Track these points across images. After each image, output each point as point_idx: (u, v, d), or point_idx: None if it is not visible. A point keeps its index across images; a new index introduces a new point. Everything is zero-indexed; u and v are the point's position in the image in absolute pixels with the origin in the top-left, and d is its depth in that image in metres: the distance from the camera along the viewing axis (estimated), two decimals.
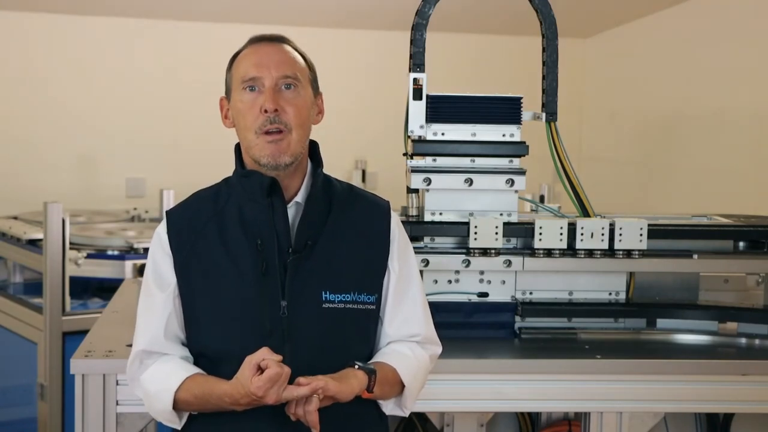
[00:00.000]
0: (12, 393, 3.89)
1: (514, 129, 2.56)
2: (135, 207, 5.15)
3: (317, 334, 1.79)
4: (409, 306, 1.91)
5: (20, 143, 5.32)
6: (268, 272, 1.78)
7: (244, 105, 1.81)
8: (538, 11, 2.60)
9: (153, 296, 1.85)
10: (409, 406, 1.90)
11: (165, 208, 4.66)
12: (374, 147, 5.43)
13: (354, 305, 1.83)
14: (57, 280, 3.50)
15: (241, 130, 1.83)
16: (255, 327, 1.76)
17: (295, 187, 1.85)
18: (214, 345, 1.81)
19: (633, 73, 5.56)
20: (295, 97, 1.81)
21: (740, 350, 2.51)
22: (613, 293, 2.62)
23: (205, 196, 1.90)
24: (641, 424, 2.30)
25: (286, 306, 1.78)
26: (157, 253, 1.87)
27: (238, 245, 1.81)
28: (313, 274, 1.81)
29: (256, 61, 1.82)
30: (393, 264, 1.89)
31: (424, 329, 1.93)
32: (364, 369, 1.78)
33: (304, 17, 5.33)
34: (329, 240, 1.83)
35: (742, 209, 3.23)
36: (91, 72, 5.43)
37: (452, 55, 5.51)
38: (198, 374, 1.80)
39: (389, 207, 1.95)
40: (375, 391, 1.79)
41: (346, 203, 1.89)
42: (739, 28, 4.55)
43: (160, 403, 1.80)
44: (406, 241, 1.96)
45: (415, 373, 1.88)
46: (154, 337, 1.84)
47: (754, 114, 4.35)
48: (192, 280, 1.82)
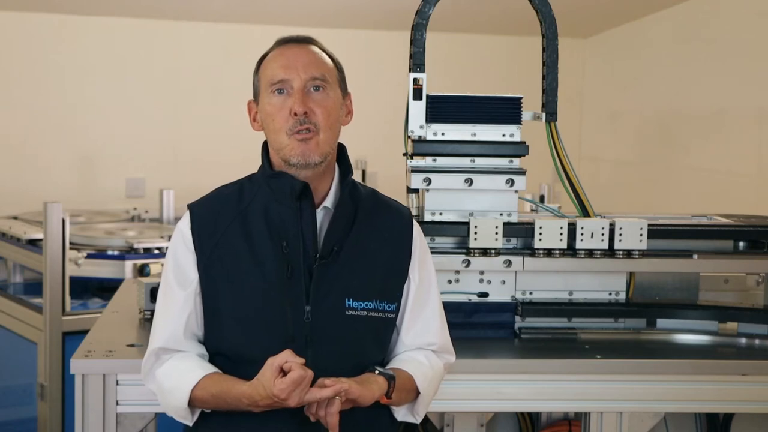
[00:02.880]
0: (12, 393, 3.89)
1: (514, 129, 2.56)
2: (135, 207, 5.14)
3: (339, 341, 1.79)
4: (427, 316, 1.92)
5: (20, 143, 5.32)
6: (293, 276, 1.77)
7: (273, 108, 1.80)
8: (538, 11, 2.60)
9: (174, 293, 1.83)
10: (421, 413, 1.91)
11: (165, 208, 4.74)
12: (374, 147, 5.42)
13: (375, 313, 1.83)
14: (57, 280, 3.50)
15: (271, 132, 1.82)
16: (278, 330, 1.76)
17: (323, 190, 1.84)
18: (235, 346, 1.80)
19: (633, 73, 5.56)
20: (323, 98, 1.81)
21: (740, 350, 2.51)
22: (613, 293, 2.61)
23: (229, 193, 1.88)
24: (641, 424, 2.30)
25: (310, 311, 1.78)
26: (179, 250, 1.84)
27: (262, 246, 1.80)
28: (338, 281, 1.80)
29: (283, 64, 1.81)
30: (414, 273, 1.89)
31: (440, 339, 1.94)
32: (384, 375, 1.78)
33: (304, 17, 5.33)
34: (354, 247, 1.83)
35: (742, 209, 3.23)
36: (91, 72, 5.43)
37: (452, 55, 5.51)
38: (215, 373, 1.79)
39: (411, 215, 1.96)
40: (393, 398, 1.79)
41: (371, 210, 1.89)
42: (739, 28, 4.55)
43: (174, 399, 1.80)
44: (426, 249, 1.96)
45: (430, 381, 1.88)
46: (173, 335, 1.82)
47: (754, 114, 4.36)
48: (215, 279, 1.81)
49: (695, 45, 4.90)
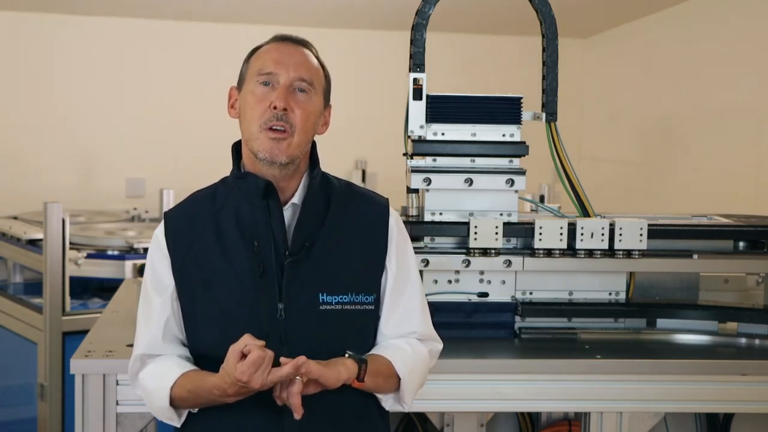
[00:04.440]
0: (12, 393, 3.89)
1: (514, 129, 2.56)
2: (135, 207, 5.15)
3: (315, 336, 1.79)
4: (405, 305, 1.90)
5: (20, 143, 5.32)
6: (265, 274, 1.78)
7: (255, 98, 1.80)
8: (538, 11, 2.60)
9: (151, 300, 1.86)
10: (408, 400, 1.89)
11: (165, 208, 4.71)
12: (374, 147, 5.43)
13: (352, 306, 1.82)
14: (57, 280, 3.50)
15: (246, 120, 1.82)
16: (252, 329, 1.75)
17: (292, 188, 1.85)
18: (213, 347, 1.80)
19: (633, 73, 5.56)
20: (306, 101, 1.81)
21: (740, 350, 2.51)
22: (613, 293, 2.62)
23: (203, 196, 1.90)
24: (641, 424, 2.30)
25: (283, 308, 1.78)
26: (155, 256, 1.87)
27: (235, 247, 1.81)
28: (310, 276, 1.80)
29: (276, 58, 1.82)
30: (390, 263, 1.88)
31: (422, 327, 1.92)
32: (354, 357, 1.77)
33: (304, 17, 5.33)
34: (327, 240, 1.83)
35: (742, 209, 3.23)
36: (91, 72, 5.43)
37: (452, 55, 5.51)
38: (192, 370, 1.81)
39: (388, 204, 1.94)
40: (367, 382, 1.78)
41: (345, 201, 1.89)
42: (739, 28, 4.55)
43: (157, 400, 1.82)
44: (405, 238, 1.95)
45: (412, 366, 1.86)
46: (153, 341, 1.85)
47: (754, 114, 4.35)
48: (190, 282, 1.83)
49: (695, 45, 4.90)
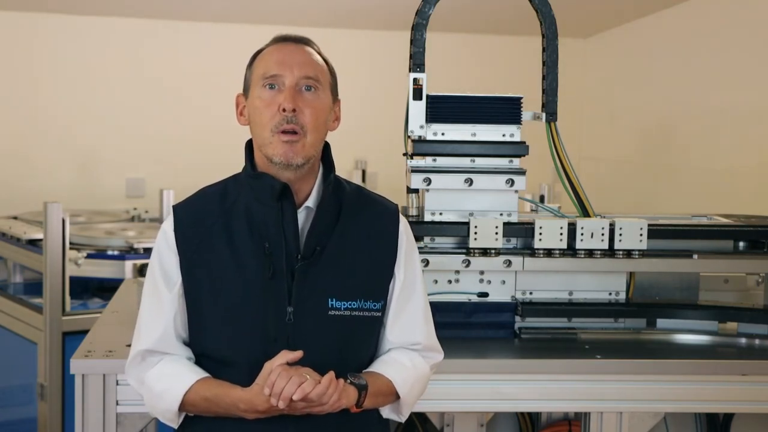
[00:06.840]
0: (12, 393, 3.89)
1: (514, 129, 2.56)
2: (135, 207, 5.15)
3: (322, 342, 1.78)
4: (410, 314, 1.89)
5: (20, 143, 5.32)
6: (275, 277, 1.77)
7: (263, 102, 1.79)
8: (538, 11, 2.60)
9: (159, 294, 1.82)
10: (404, 413, 1.90)
11: (165, 208, 4.74)
12: (374, 147, 5.42)
13: (360, 312, 1.81)
14: (57, 280, 3.50)
15: (257, 126, 1.80)
16: (259, 332, 1.75)
17: (305, 190, 1.83)
18: (218, 348, 1.79)
19: (633, 73, 5.56)
20: (314, 99, 1.80)
21: (740, 350, 2.51)
22: (613, 293, 2.62)
23: (213, 193, 1.87)
24: (641, 424, 2.30)
25: (292, 312, 1.77)
26: (164, 251, 1.83)
27: (245, 247, 1.79)
28: (321, 281, 1.79)
29: (278, 60, 1.80)
30: (399, 271, 1.88)
31: (425, 338, 1.92)
32: (355, 385, 1.76)
33: (304, 17, 5.33)
34: (337, 246, 1.82)
35: (742, 209, 3.23)
36: (91, 72, 5.43)
37: (452, 55, 5.51)
38: (209, 378, 1.79)
39: (398, 211, 1.93)
40: (366, 404, 1.78)
41: (356, 207, 1.87)
42: (739, 28, 4.55)
43: (164, 403, 1.79)
44: (413, 246, 1.94)
45: (412, 384, 1.87)
46: (160, 337, 1.81)
47: (754, 114, 4.35)
48: (198, 280, 1.80)
49: (695, 45, 4.89)
